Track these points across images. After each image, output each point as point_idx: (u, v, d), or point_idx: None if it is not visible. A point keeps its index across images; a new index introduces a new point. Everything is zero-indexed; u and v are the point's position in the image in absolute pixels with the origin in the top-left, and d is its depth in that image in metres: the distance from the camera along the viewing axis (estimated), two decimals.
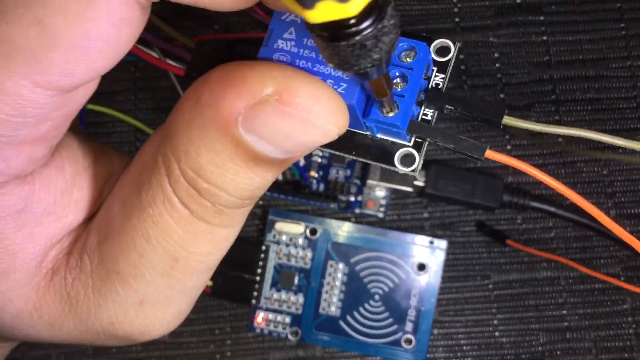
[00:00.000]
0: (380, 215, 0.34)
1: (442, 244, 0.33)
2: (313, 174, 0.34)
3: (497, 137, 0.34)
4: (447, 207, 0.34)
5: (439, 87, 0.17)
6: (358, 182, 0.34)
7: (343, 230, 0.33)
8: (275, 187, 0.33)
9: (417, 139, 0.17)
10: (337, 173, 0.34)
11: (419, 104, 0.17)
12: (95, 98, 0.34)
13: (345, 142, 0.17)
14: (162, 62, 0.20)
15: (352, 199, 0.34)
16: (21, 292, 0.16)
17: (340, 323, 0.33)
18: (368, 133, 0.17)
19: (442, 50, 0.17)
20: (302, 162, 0.34)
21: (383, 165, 0.17)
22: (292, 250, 0.33)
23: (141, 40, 0.23)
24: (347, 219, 0.34)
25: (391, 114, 0.16)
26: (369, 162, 0.17)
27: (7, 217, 0.15)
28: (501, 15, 0.35)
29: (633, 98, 0.34)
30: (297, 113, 0.13)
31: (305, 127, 0.13)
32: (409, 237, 0.33)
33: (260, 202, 0.34)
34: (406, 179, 0.32)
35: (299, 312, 0.33)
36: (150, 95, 0.35)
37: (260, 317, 0.33)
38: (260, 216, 0.34)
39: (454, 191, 0.32)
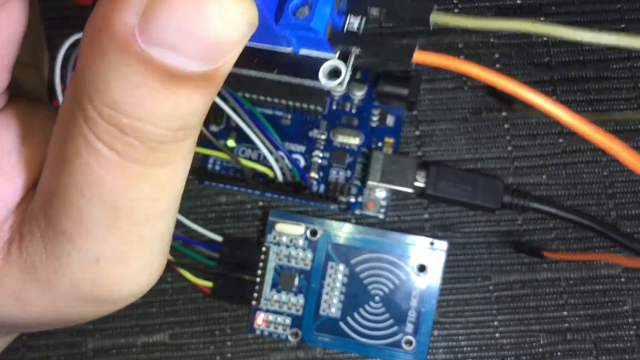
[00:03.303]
0: (381, 216, 0.34)
1: (443, 245, 0.33)
2: (313, 175, 0.34)
3: (497, 139, 0.34)
4: (447, 209, 0.34)
5: None
6: (358, 183, 0.34)
7: (343, 231, 0.33)
8: (276, 188, 0.33)
9: (342, 51, 0.15)
10: (338, 174, 0.34)
11: (344, 13, 0.15)
12: None
13: (266, 63, 0.15)
14: None
15: (353, 200, 0.34)
16: None
17: (340, 324, 0.33)
18: (290, 49, 0.15)
19: None
20: (302, 164, 0.34)
21: (308, 82, 0.15)
22: (293, 252, 0.33)
23: None
24: (348, 220, 0.34)
25: (306, 12, 0.14)
26: (293, 79, 0.15)
27: None
28: (501, 15, 0.35)
29: (634, 99, 0.34)
30: (186, 2, 0.11)
31: (201, 17, 0.11)
32: (409, 238, 0.33)
33: (261, 203, 0.34)
34: (407, 180, 0.32)
35: (299, 313, 0.33)
36: None
37: (260, 318, 0.33)
38: (260, 217, 0.34)
39: (454, 192, 0.32)
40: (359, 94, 0.34)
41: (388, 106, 0.34)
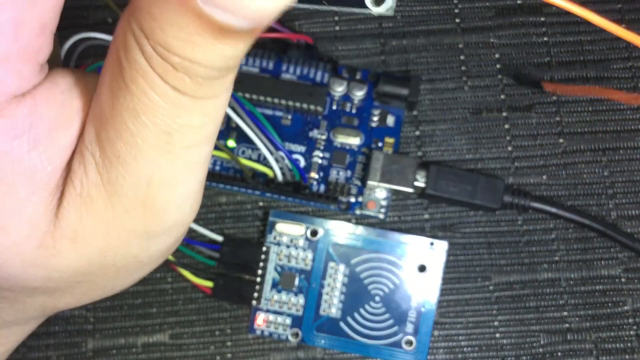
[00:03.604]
0: (381, 216, 0.34)
1: (443, 245, 0.33)
2: (313, 175, 0.34)
3: (497, 139, 0.34)
4: (447, 209, 0.34)
5: None
6: (358, 183, 0.34)
7: (344, 231, 0.33)
8: (276, 188, 0.33)
9: None
10: (338, 174, 0.34)
11: None
12: None
13: None
14: None
15: (353, 200, 0.34)
16: (44, 212, 0.16)
17: (340, 324, 0.33)
18: None
19: None
20: (302, 164, 0.34)
21: (356, 10, 0.15)
22: (293, 252, 0.33)
23: None
24: (348, 220, 0.34)
25: None
26: (341, 9, 0.16)
27: (19, 137, 0.15)
28: (502, 16, 0.35)
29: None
30: None
31: None
32: (409, 238, 0.33)
33: (261, 203, 0.34)
34: (407, 180, 0.32)
35: (300, 313, 0.33)
36: None
37: (260, 318, 0.33)
38: (260, 217, 0.34)
39: (454, 192, 0.32)
40: (359, 94, 0.34)
41: (388, 106, 0.34)
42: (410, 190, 0.32)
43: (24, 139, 0.15)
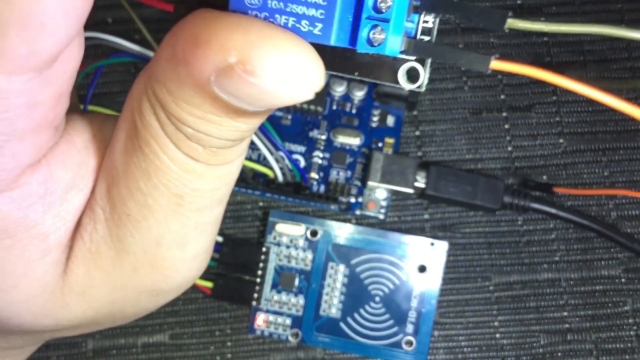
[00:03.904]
0: (381, 216, 0.34)
1: (443, 245, 0.33)
2: (313, 175, 0.34)
3: (497, 139, 0.34)
4: (447, 209, 0.34)
5: None
6: (358, 183, 0.34)
7: (343, 231, 0.33)
8: (276, 188, 0.33)
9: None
10: (338, 174, 0.34)
11: (417, 10, 0.15)
12: (95, 99, 0.34)
13: (345, 62, 0.15)
14: None
15: (353, 200, 0.34)
16: (54, 270, 0.16)
17: (340, 325, 0.33)
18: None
19: None
20: (302, 164, 0.34)
21: (387, 84, 0.16)
22: (293, 252, 0.33)
23: None
24: (348, 221, 0.34)
25: (381, 37, 0.14)
26: (373, 81, 0.16)
27: (33, 204, 0.15)
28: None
29: (634, 99, 0.34)
30: (263, 84, 0.12)
31: (275, 95, 0.13)
32: (409, 238, 0.33)
33: (261, 204, 0.34)
34: (407, 181, 0.32)
35: (300, 313, 0.33)
36: None
37: (260, 318, 0.33)
38: (260, 218, 0.34)
39: (454, 192, 0.32)
40: (359, 94, 0.34)
41: (388, 106, 0.34)
42: (410, 190, 0.32)
43: (38, 205, 0.15)
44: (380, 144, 0.34)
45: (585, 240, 0.33)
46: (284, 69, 0.12)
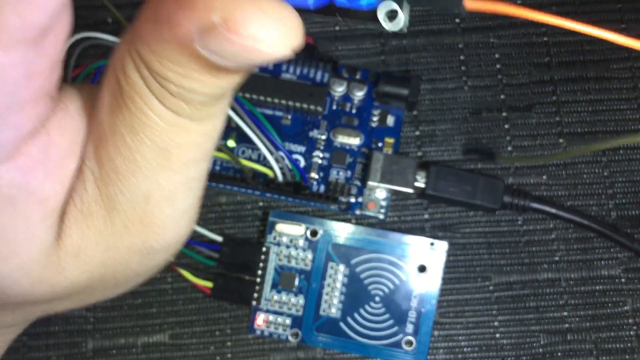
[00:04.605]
0: (381, 216, 0.34)
1: (443, 245, 0.33)
2: (313, 175, 0.34)
3: (498, 139, 0.34)
4: (447, 209, 0.34)
5: None
6: (358, 183, 0.34)
7: (343, 231, 0.33)
8: (276, 188, 0.33)
9: None
10: (338, 174, 0.34)
11: None
12: None
13: (327, 9, 0.16)
14: None
15: (353, 200, 0.34)
16: (52, 234, 0.16)
17: (340, 325, 0.33)
18: None
19: None
20: (302, 164, 0.34)
21: (369, 25, 0.16)
22: (293, 252, 0.33)
23: None
24: (348, 221, 0.34)
25: None
26: (353, 23, 0.16)
27: (34, 171, 0.15)
28: (502, 16, 0.35)
29: (634, 99, 0.34)
30: (244, 41, 0.13)
31: (256, 52, 0.13)
32: (409, 238, 0.33)
33: (261, 204, 0.34)
34: (407, 181, 0.32)
35: (300, 313, 0.33)
36: None
37: (260, 318, 0.33)
38: (260, 217, 0.34)
39: (454, 192, 0.32)
40: (359, 94, 0.34)
41: (388, 106, 0.34)
42: (410, 190, 0.32)
43: (39, 172, 0.15)
44: (380, 144, 0.34)
45: (585, 240, 0.33)
46: (265, 27, 0.13)
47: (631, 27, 0.34)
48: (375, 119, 0.34)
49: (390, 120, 0.34)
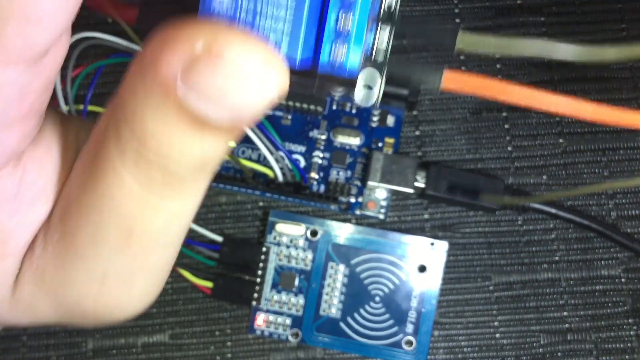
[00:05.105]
0: (381, 216, 0.34)
1: (443, 245, 0.33)
2: (313, 175, 0.34)
3: (497, 139, 0.34)
4: (447, 209, 0.34)
5: (391, 10, 0.16)
6: (358, 183, 0.34)
7: (343, 231, 0.33)
8: (276, 188, 0.33)
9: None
10: (338, 174, 0.34)
11: (373, 30, 0.16)
12: (95, 99, 0.34)
13: (305, 80, 0.16)
14: (112, 5, 0.18)
15: (353, 200, 0.34)
16: (7, 278, 0.16)
17: (340, 325, 0.33)
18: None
19: None
20: (302, 164, 0.34)
21: (345, 95, 0.16)
22: (293, 252, 0.33)
23: None
24: (348, 221, 0.34)
25: (342, 53, 0.15)
26: (328, 90, 0.16)
27: (3, 203, 0.15)
28: (502, 16, 0.35)
29: (634, 99, 0.34)
30: (228, 67, 0.12)
31: (240, 81, 0.12)
32: (409, 238, 0.33)
33: (261, 203, 0.34)
34: (407, 181, 0.32)
35: (300, 313, 0.33)
36: None
37: (260, 318, 0.33)
38: (260, 217, 0.34)
39: (454, 192, 0.32)
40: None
41: (388, 106, 0.34)
42: (410, 190, 0.32)
43: (6, 206, 0.15)
44: (380, 144, 0.34)
45: (585, 240, 0.33)
46: (249, 52, 0.12)
47: (631, 27, 0.34)
48: (375, 119, 0.34)
49: (390, 120, 0.34)
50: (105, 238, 0.15)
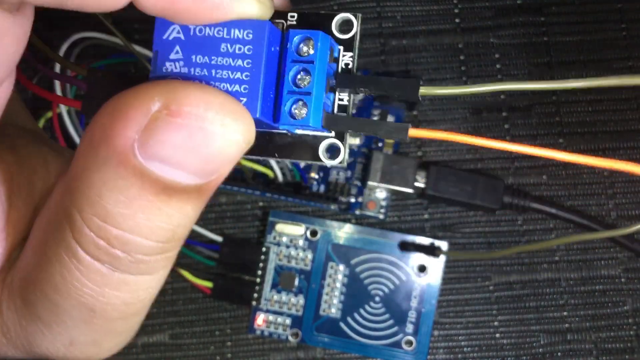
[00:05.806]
0: (381, 216, 0.34)
1: (443, 245, 0.33)
2: (313, 175, 0.34)
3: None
4: (447, 209, 0.34)
5: (349, 67, 0.16)
6: (358, 183, 0.34)
7: (343, 231, 0.33)
8: (276, 188, 0.33)
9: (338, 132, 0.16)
10: (338, 174, 0.34)
11: (332, 89, 0.16)
12: None
13: (265, 145, 0.16)
14: (54, 95, 0.17)
15: (353, 200, 0.34)
16: None
17: (340, 324, 0.33)
18: (286, 131, 0.16)
19: (345, 25, 0.16)
20: (302, 164, 0.34)
21: (310, 162, 0.16)
22: (293, 252, 0.33)
23: (30, 69, 0.19)
24: (348, 221, 0.34)
25: (303, 112, 0.15)
26: (294, 160, 0.16)
27: None
28: (502, 16, 0.35)
29: (634, 99, 0.34)
30: (190, 122, 0.12)
31: (204, 136, 0.12)
32: (409, 238, 0.33)
33: (261, 204, 0.34)
34: (407, 181, 0.32)
35: (300, 313, 0.33)
36: None
37: (260, 318, 0.33)
38: (260, 217, 0.34)
39: (454, 192, 0.32)
40: (359, 94, 0.34)
41: (388, 106, 0.34)
42: (410, 190, 0.32)
43: None
44: (380, 144, 0.34)
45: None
46: (211, 103, 0.12)
47: (631, 27, 0.34)
48: (375, 118, 0.34)
49: (390, 120, 0.34)
50: (67, 314, 0.14)
